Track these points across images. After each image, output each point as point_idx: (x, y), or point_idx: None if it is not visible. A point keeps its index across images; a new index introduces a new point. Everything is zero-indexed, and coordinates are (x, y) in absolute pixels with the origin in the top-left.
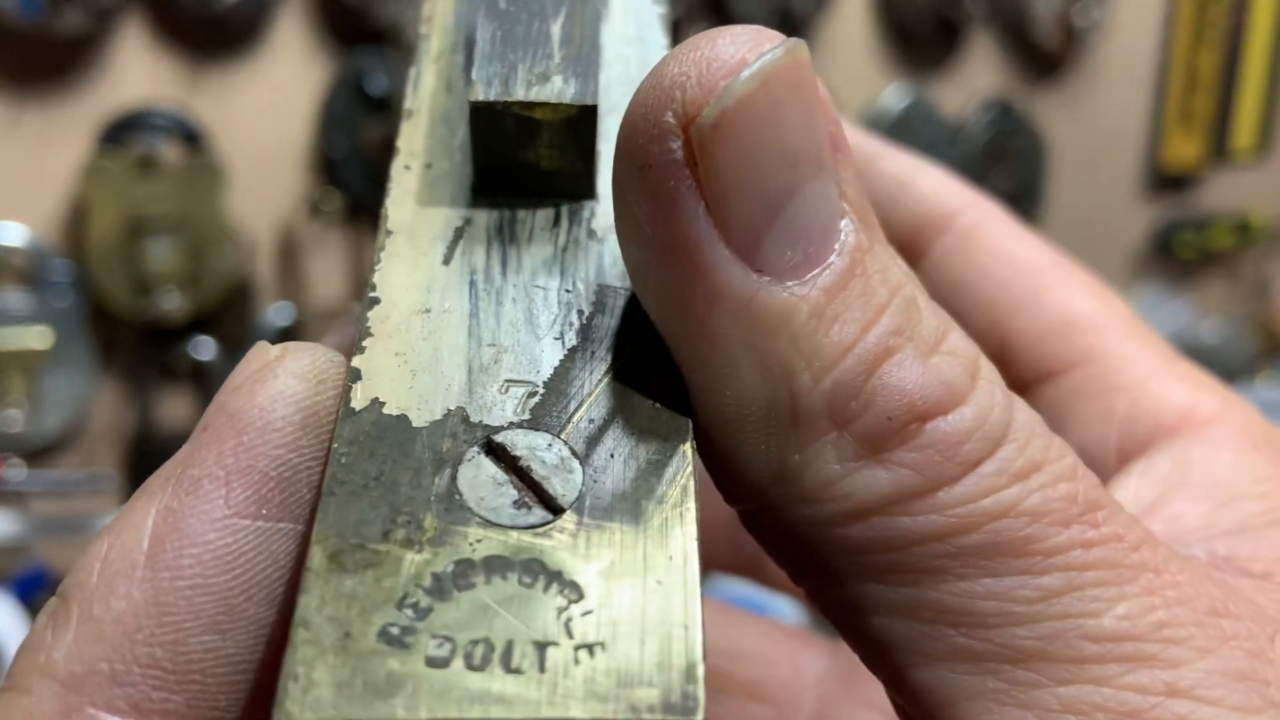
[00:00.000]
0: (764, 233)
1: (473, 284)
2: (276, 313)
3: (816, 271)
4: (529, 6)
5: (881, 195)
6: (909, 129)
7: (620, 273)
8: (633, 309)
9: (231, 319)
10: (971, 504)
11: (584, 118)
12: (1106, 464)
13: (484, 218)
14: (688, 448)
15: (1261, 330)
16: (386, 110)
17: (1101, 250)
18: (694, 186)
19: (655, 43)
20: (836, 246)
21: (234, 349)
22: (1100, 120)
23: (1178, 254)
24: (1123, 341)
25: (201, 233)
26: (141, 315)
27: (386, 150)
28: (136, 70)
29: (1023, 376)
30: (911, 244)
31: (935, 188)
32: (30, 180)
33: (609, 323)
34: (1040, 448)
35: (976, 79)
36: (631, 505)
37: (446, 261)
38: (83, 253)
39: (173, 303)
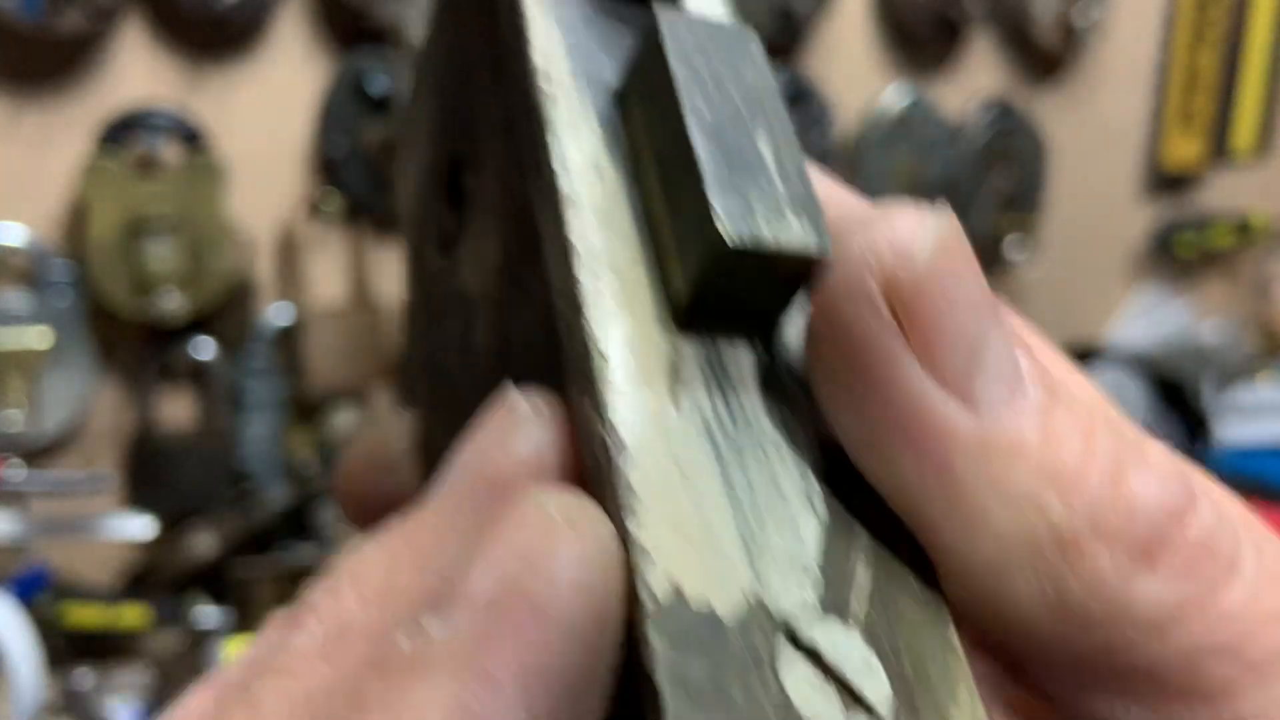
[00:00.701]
0: (973, 375)
1: (711, 437)
2: (276, 313)
3: (1023, 403)
4: (728, 112)
5: None
6: (909, 129)
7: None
8: (855, 475)
9: (231, 319)
10: (1253, 610)
11: (817, 268)
12: None
13: (690, 351)
14: (953, 634)
15: (1261, 330)
16: (387, 110)
17: (1102, 250)
18: (906, 345)
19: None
20: (1026, 379)
21: (234, 349)
22: (1100, 120)
23: (1178, 254)
24: None
25: (201, 233)
26: (141, 315)
27: (386, 151)
28: (136, 70)
29: None
30: None
31: None
32: (30, 180)
33: (843, 489)
34: (1274, 553)
35: (976, 79)
36: (936, 710)
37: (677, 406)
38: (83, 253)
39: (173, 303)
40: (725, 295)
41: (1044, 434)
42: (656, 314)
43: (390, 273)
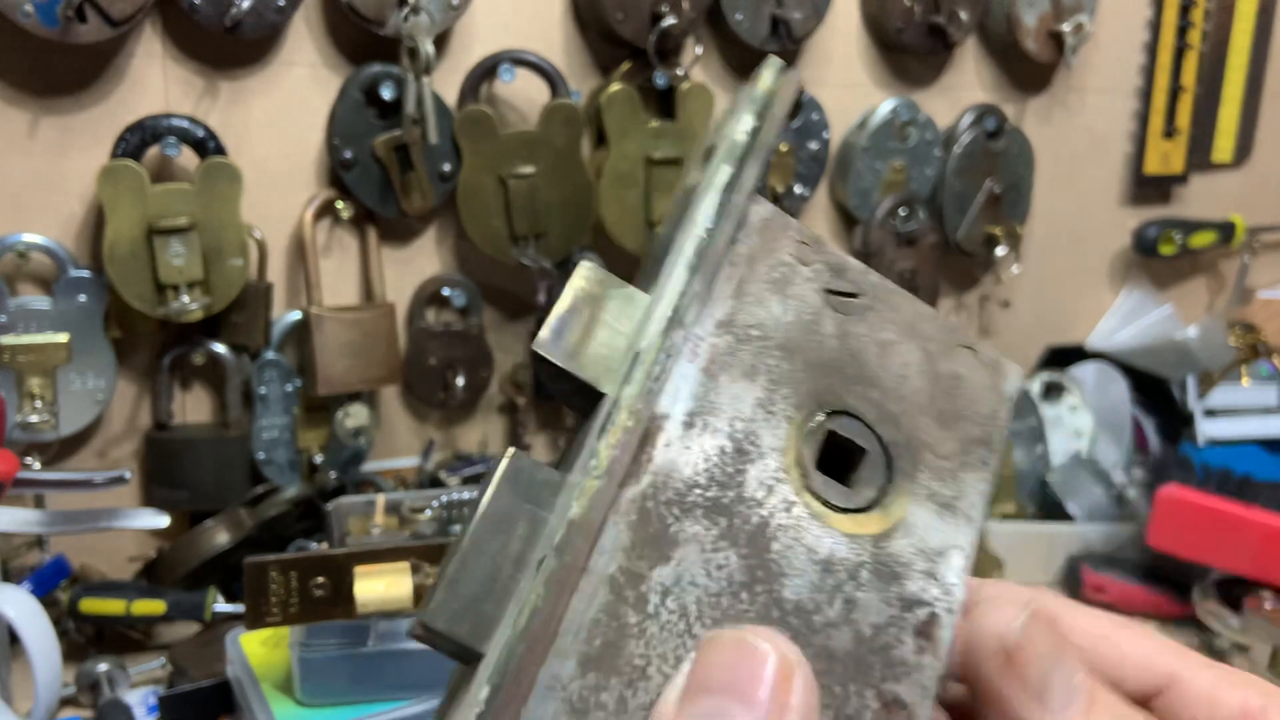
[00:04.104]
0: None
1: None
2: (289, 313)
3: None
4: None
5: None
6: (901, 136)
7: None
8: None
9: (245, 319)
10: None
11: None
12: None
13: None
14: None
15: (1243, 333)
16: (397, 118)
17: (1087, 254)
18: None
19: None
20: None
21: (248, 348)
22: (1086, 128)
23: (1162, 258)
24: (1196, 669)
25: (216, 236)
26: (158, 316)
27: (396, 157)
28: (153, 79)
29: (1136, 697)
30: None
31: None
32: (50, 186)
33: None
34: None
35: (966, 87)
36: None
37: None
38: (100, 256)
39: (188, 304)
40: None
41: None
42: None
43: (398, 275)
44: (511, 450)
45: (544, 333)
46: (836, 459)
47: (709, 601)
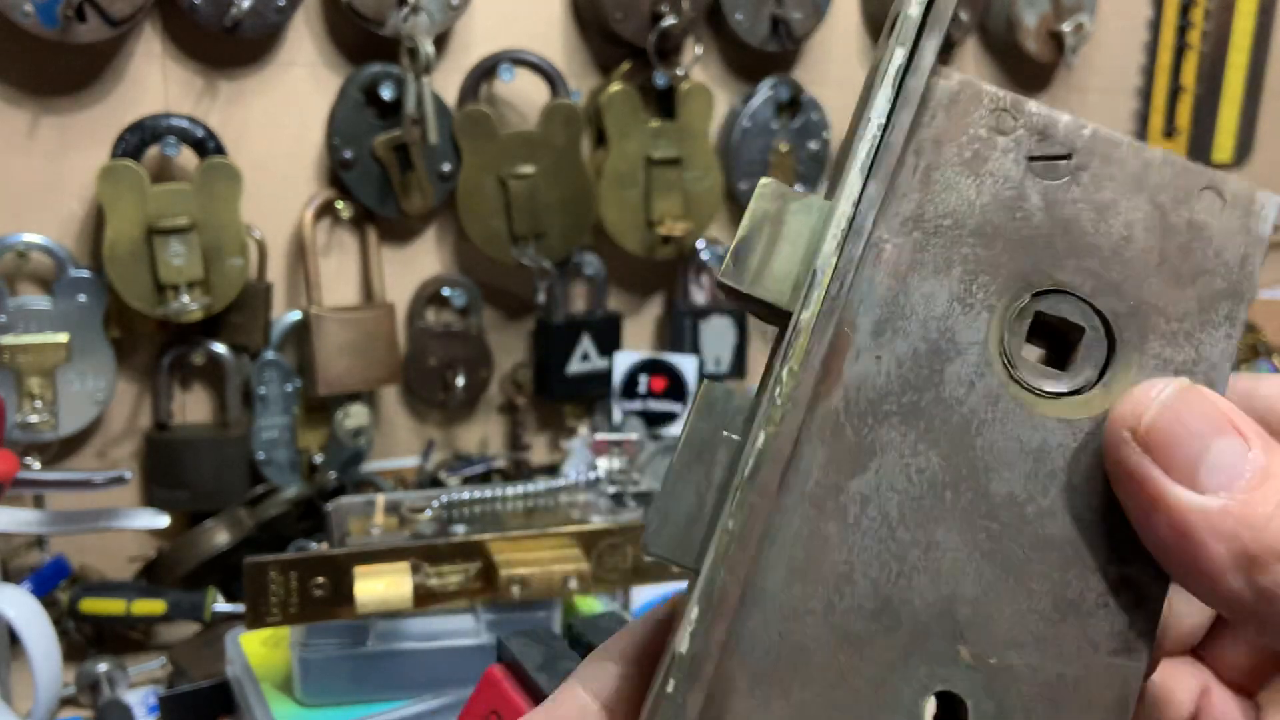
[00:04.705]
0: (1197, 471)
1: None
2: (288, 313)
3: (1237, 484)
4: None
5: None
6: None
7: None
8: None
9: (245, 319)
10: None
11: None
12: None
13: None
14: None
15: (1244, 332)
16: (397, 118)
17: None
18: (1152, 460)
19: None
20: (1246, 468)
21: (248, 348)
22: None
23: None
24: None
25: (216, 236)
26: (158, 316)
27: (396, 157)
28: (153, 79)
29: None
30: None
31: None
32: (49, 186)
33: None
34: None
35: None
36: None
37: None
38: (100, 256)
39: (188, 304)
40: None
41: (1244, 501)
42: None
43: (398, 275)
44: (706, 380)
45: (726, 261)
46: (1053, 341)
47: (910, 505)
